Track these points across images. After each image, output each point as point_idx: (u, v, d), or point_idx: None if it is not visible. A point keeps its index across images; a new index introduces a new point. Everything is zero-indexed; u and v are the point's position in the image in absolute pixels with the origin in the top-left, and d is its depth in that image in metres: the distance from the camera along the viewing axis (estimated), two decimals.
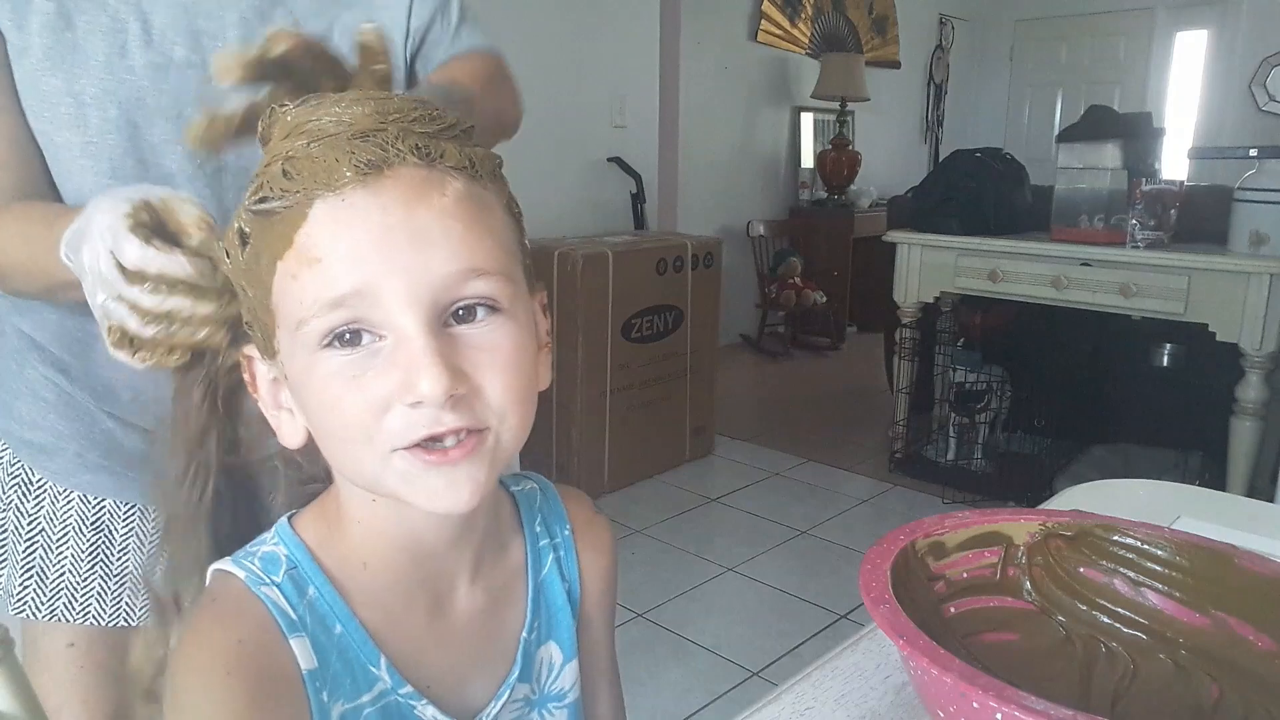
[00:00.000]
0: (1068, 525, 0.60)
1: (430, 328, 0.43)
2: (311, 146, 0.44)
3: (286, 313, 0.45)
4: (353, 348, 0.44)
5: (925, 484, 3.00)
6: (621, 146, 3.79)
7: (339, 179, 0.43)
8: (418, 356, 0.42)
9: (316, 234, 0.43)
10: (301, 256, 0.43)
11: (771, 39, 4.84)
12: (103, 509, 0.82)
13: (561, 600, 0.59)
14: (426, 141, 0.45)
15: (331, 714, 0.48)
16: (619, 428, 2.94)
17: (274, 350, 0.47)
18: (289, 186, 0.44)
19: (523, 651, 0.56)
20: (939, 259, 2.91)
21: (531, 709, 0.57)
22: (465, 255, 0.44)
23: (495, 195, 0.48)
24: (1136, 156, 2.64)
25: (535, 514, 0.60)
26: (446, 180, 0.45)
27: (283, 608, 0.47)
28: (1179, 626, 0.57)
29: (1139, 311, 2.56)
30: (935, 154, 6.20)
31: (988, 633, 0.58)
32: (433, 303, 0.43)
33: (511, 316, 0.46)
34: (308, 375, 0.45)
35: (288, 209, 0.44)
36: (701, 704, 1.86)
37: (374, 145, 0.43)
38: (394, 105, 0.45)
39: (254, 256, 0.45)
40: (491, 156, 0.49)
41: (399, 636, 0.51)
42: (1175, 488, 1.00)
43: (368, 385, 0.43)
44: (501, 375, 0.45)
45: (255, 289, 0.46)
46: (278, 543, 0.51)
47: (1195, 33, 5.50)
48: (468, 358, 0.45)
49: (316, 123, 0.44)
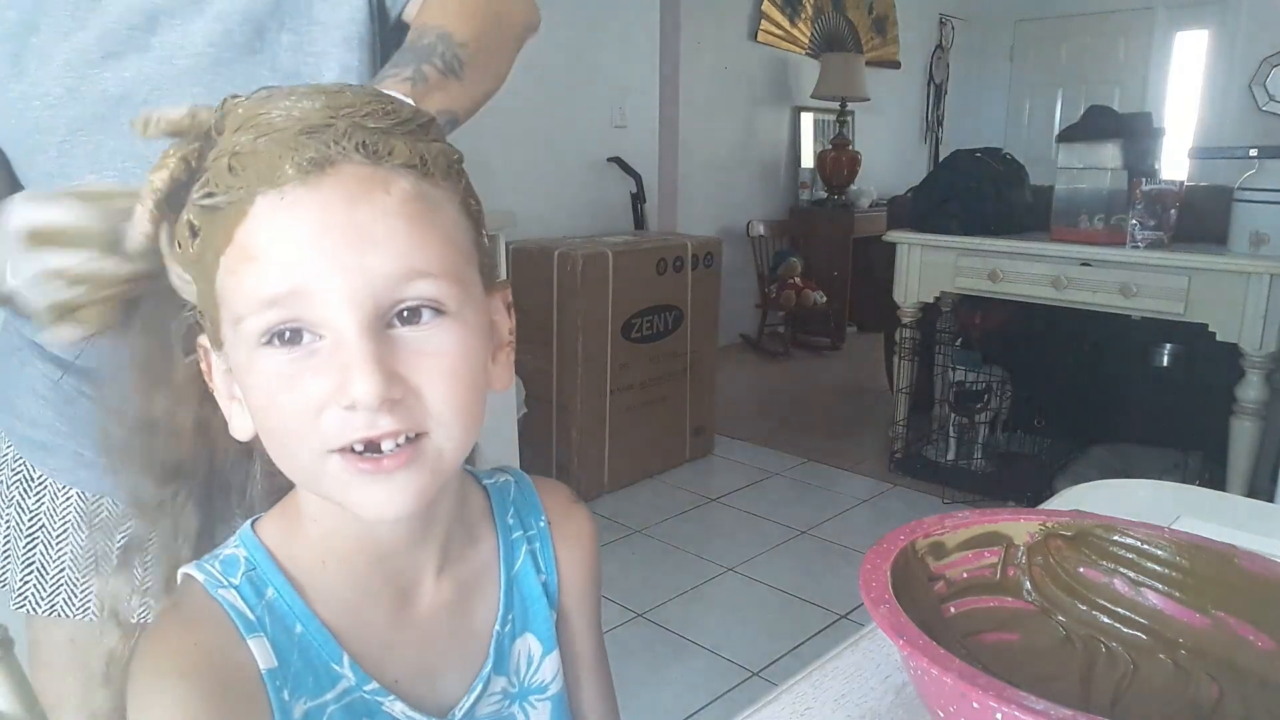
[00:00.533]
0: (1068, 525, 0.60)
1: (369, 330, 0.42)
2: (258, 141, 0.43)
3: (228, 307, 0.45)
4: (292, 346, 0.43)
5: (925, 484, 3.01)
6: (621, 146, 3.79)
7: (281, 176, 0.42)
8: (353, 359, 0.42)
9: (256, 231, 0.43)
10: (241, 253, 0.43)
11: (771, 39, 4.84)
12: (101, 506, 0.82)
13: (537, 592, 0.58)
14: (375, 138, 0.44)
15: (293, 712, 0.48)
16: (619, 428, 2.94)
17: (220, 342, 0.47)
18: (233, 182, 0.43)
19: (495, 644, 0.56)
20: (939, 259, 2.91)
21: (512, 702, 0.57)
22: (408, 255, 0.43)
23: (447, 193, 0.47)
24: (1136, 156, 2.64)
25: (508, 506, 0.60)
26: (393, 178, 0.44)
27: (240, 609, 0.48)
28: (1179, 626, 0.57)
29: (1139, 311, 2.56)
30: (935, 154, 6.20)
31: (988, 633, 0.58)
32: (373, 304, 0.43)
33: (458, 319, 0.46)
34: (248, 371, 0.45)
35: (230, 204, 0.43)
36: (701, 704, 1.86)
37: (319, 142, 0.43)
38: (345, 100, 0.44)
39: (200, 249, 0.45)
40: (447, 152, 0.48)
41: (362, 634, 0.51)
42: (1175, 488, 1.00)
43: (304, 385, 0.43)
44: (443, 381, 0.45)
45: (201, 282, 0.46)
46: (238, 545, 0.51)
47: (1195, 33, 5.50)
48: (408, 361, 0.44)
49: (266, 116, 0.44)
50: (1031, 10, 6.08)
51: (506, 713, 0.57)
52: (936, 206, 2.91)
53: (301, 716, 0.48)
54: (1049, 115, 6.06)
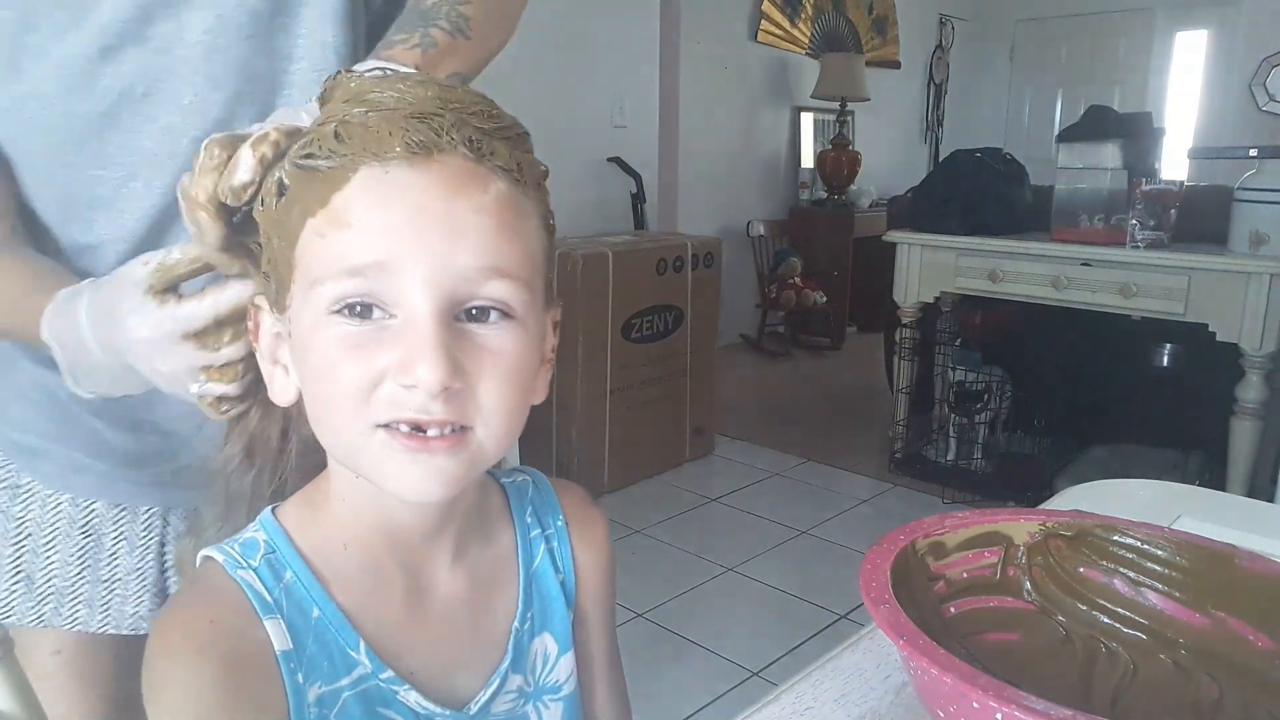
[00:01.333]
0: (1068, 525, 0.60)
1: (441, 316, 0.44)
2: (369, 115, 0.44)
3: (305, 269, 0.45)
4: (362, 320, 0.44)
5: (925, 484, 3.01)
6: (621, 146, 3.79)
7: (388, 151, 0.43)
8: (422, 341, 0.43)
9: (354, 199, 0.44)
10: (334, 218, 0.44)
11: (771, 39, 4.84)
12: (93, 512, 0.81)
13: (555, 591, 0.59)
14: (480, 136, 0.45)
15: (307, 696, 0.48)
16: (619, 428, 2.94)
17: (284, 305, 0.47)
18: (337, 148, 0.44)
19: (514, 642, 0.56)
20: (939, 259, 2.91)
21: (526, 701, 0.57)
22: (493, 253, 0.45)
23: (534, 204, 0.49)
24: (1136, 156, 2.64)
25: (526, 505, 0.60)
26: (491, 178, 0.46)
27: (258, 590, 0.48)
28: (1179, 626, 0.57)
29: (1139, 311, 2.56)
30: (935, 154, 6.21)
31: (988, 633, 0.58)
32: (450, 292, 0.44)
33: (522, 325, 0.47)
34: (312, 335, 0.45)
35: (331, 169, 0.44)
36: (701, 704, 1.86)
37: (428, 128, 0.44)
38: (456, 95, 0.46)
39: (287, 207, 0.46)
40: (537, 165, 0.49)
41: (379, 621, 0.51)
42: (1175, 488, 1.00)
43: (368, 356, 0.44)
44: (498, 381, 0.46)
45: (281, 240, 0.47)
46: (258, 529, 0.51)
47: (1195, 33, 5.50)
48: (471, 356, 0.45)
49: (378, 95, 0.45)
50: (1031, 10, 6.08)
51: (520, 711, 0.57)
52: (936, 206, 2.91)
53: (315, 701, 0.48)
54: (1049, 115, 6.06)
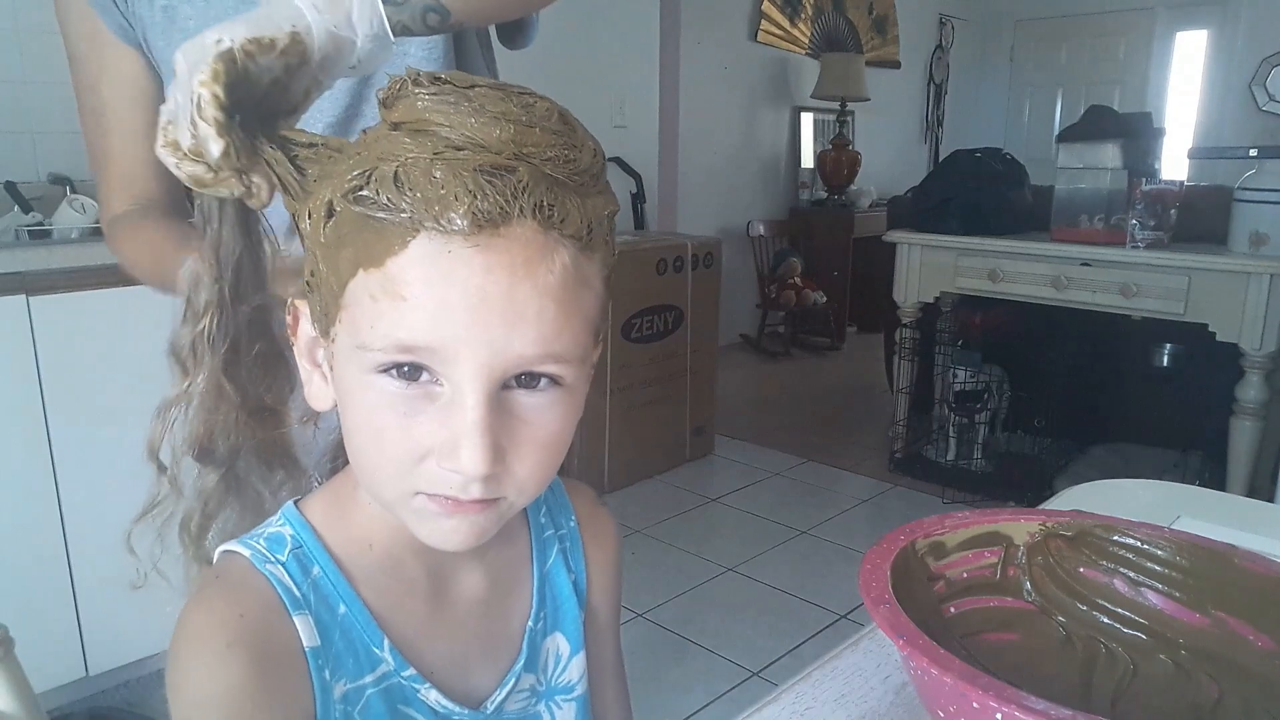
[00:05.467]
0: (1068, 525, 0.60)
1: (489, 399, 0.42)
2: (434, 164, 0.41)
3: (353, 323, 0.43)
4: (409, 382, 0.43)
5: (925, 484, 3.01)
6: (621, 146, 3.79)
7: (452, 221, 0.40)
8: (469, 428, 0.42)
9: (411, 272, 0.41)
10: (389, 286, 0.41)
11: (771, 39, 4.84)
12: None
13: (567, 591, 0.59)
14: (551, 199, 0.42)
15: (334, 692, 0.48)
16: (619, 428, 2.94)
17: (329, 335, 0.46)
18: (395, 200, 0.41)
19: (528, 641, 0.57)
20: (939, 259, 2.91)
21: (539, 700, 0.58)
22: (551, 341, 0.43)
23: (599, 265, 0.46)
24: (1136, 156, 2.64)
25: (540, 505, 0.60)
26: (557, 252, 0.42)
27: (287, 585, 0.48)
28: (1179, 626, 0.56)
29: (1139, 311, 2.56)
30: (935, 154, 6.20)
31: (988, 633, 0.58)
32: (501, 375, 0.43)
33: (570, 392, 0.46)
34: (358, 391, 0.44)
35: (388, 224, 0.41)
36: (701, 704, 1.86)
37: (498, 194, 0.40)
38: (534, 138, 0.42)
39: (337, 241, 0.43)
40: (607, 208, 0.46)
41: (401, 619, 0.51)
42: (1175, 488, 1.00)
43: (414, 429, 0.43)
44: (536, 453, 0.45)
45: (329, 271, 0.44)
46: (283, 524, 0.51)
47: (1195, 33, 5.50)
48: (511, 428, 0.44)
49: (445, 130, 0.41)
50: (1031, 10, 6.08)
51: (533, 710, 0.57)
52: (936, 206, 2.91)
53: (341, 698, 0.49)
54: (1049, 115, 6.06)
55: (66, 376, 1.63)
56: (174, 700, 0.45)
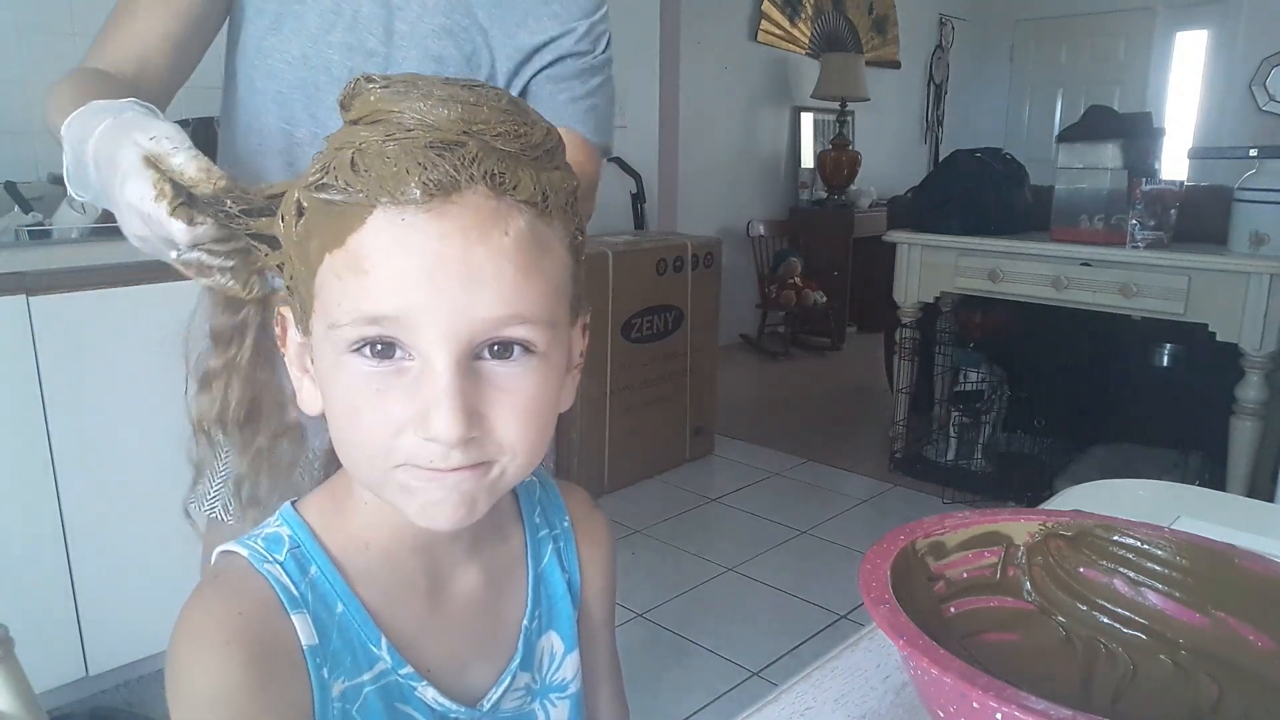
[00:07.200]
0: (1068, 525, 0.60)
1: (459, 366, 0.43)
2: (386, 145, 0.42)
3: (324, 306, 0.45)
4: (382, 359, 0.44)
5: (925, 484, 3.00)
6: (621, 146, 3.78)
7: (404, 193, 0.41)
8: (439, 395, 0.42)
9: (370, 245, 0.42)
10: (351, 262, 0.43)
11: (771, 39, 4.84)
12: None
13: (562, 590, 0.59)
14: (503, 167, 0.43)
15: (332, 690, 0.48)
16: (619, 428, 2.94)
17: (308, 329, 0.47)
18: (353, 181, 0.42)
19: (524, 640, 0.57)
20: (939, 259, 2.91)
21: (533, 699, 0.58)
22: (513, 301, 0.43)
23: (559, 232, 0.46)
24: (1136, 156, 2.64)
25: (534, 505, 0.61)
26: (512, 216, 0.43)
27: (284, 584, 0.48)
28: (1179, 626, 0.56)
29: (1139, 311, 2.56)
30: (935, 154, 6.20)
31: (988, 633, 0.58)
32: (468, 341, 0.43)
33: (545, 359, 0.46)
34: (334, 373, 0.45)
35: (346, 205, 0.43)
36: (701, 704, 1.86)
37: (448, 164, 0.42)
38: (481, 115, 0.43)
39: (305, 234, 0.45)
40: (566, 182, 0.47)
41: (398, 618, 0.52)
42: (1175, 488, 1.00)
43: (388, 405, 0.44)
44: (518, 418, 0.45)
45: (302, 265, 0.46)
46: (281, 524, 0.52)
47: (1195, 33, 5.50)
48: (488, 396, 0.44)
49: (398, 116, 0.43)
50: (1031, 10, 6.08)
51: (528, 709, 0.58)
52: (936, 206, 2.91)
53: (339, 696, 0.49)
54: (1049, 115, 6.06)
55: (66, 376, 1.63)
56: (173, 698, 0.45)
